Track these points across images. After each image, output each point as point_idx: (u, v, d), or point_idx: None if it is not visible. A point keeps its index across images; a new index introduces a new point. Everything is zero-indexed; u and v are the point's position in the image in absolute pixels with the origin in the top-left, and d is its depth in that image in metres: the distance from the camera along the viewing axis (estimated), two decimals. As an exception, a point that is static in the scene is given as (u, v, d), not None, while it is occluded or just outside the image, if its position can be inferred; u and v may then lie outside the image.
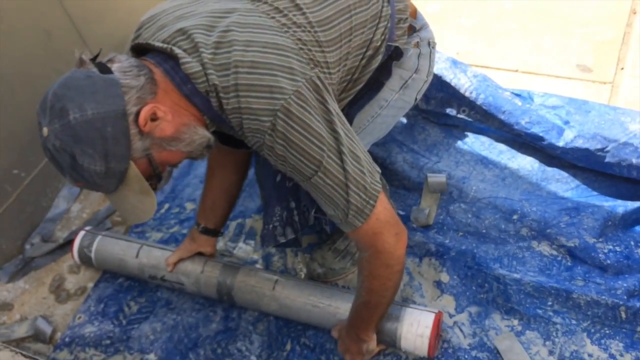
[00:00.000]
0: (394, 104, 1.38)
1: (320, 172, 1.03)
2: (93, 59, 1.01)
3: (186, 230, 1.80)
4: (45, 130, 0.94)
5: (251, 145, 1.06)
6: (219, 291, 1.51)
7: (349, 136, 1.06)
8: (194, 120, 1.05)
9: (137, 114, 0.96)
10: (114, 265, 1.66)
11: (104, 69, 0.98)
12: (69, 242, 1.83)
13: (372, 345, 1.33)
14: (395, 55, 1.29)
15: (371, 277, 1.17)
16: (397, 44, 1.27)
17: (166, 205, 1.90)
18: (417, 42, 1.38)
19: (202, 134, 1.06)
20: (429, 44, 1.41)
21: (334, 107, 1.05)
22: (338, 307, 1.39)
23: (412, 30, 1.37)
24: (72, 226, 1.90)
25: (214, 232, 1.55)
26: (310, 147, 1.00)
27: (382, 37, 1.23)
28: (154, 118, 0.98)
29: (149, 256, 1.59)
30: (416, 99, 1.45)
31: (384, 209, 1.10)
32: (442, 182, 1.66)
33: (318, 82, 1.02)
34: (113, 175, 0.96)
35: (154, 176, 1.04)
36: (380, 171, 1.14)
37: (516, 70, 2.02)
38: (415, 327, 1.32)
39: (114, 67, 0.99)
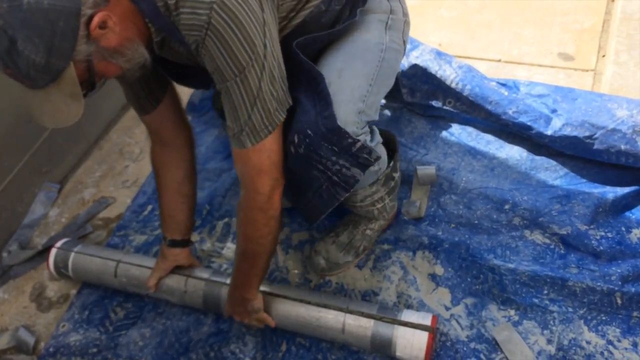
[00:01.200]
0: (390, 45, 1.31)
1: (239, 79, 1.04)
2: None
3: (172, 231, 1.75)
4: None
5: (192, 50, 1.05)
6: (207, 305, 1.48)
7: (274, 54, 1.06)
8: (138, 35, 1.05)
9: (90, 17, 0.95)
10: (94, 281, 1.61)
11: None
12: (48, 249, 1.76)
13: (258, 303, 1.34)
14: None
15: (247, 221, 1.20)
16: None
17: (149, 207, 1.84)
18: None
19: (142, 53, 1.06)
20: None
21: (270, 18, 1.05)
22: (331, 316, 1.35)
23: None
24: (51, 232, 1.83)
25: (183, 243, 1.48)
26: (239, 50, 1.01)
27: None
28: (102, 26, 0.97)
29: (128, 275, 1.53)
30: (404, 42, 1.39)
31: (275, 141, 1.11)
32: (432, 174, 1.65)
33: None
34: (49, 71, 0.94)
35: (88, 84, 1.03)
36: (291, 103, 1.14)
37: (499, 60, 2.02)
38: (409, 349, 1.29)
39: None
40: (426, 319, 1.31)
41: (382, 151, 1.32)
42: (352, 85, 1.20)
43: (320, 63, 1.25)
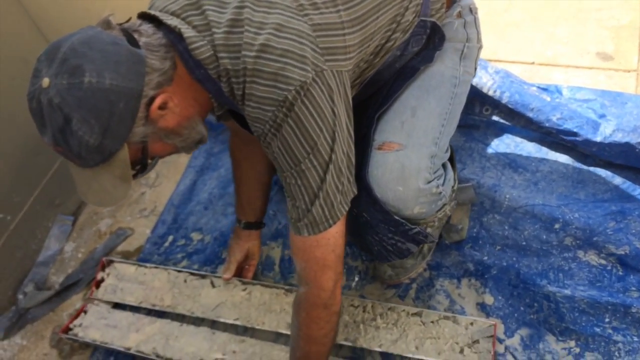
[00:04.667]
0: (462, 78, 1.24)
1: (295, 172, 0.97)
2: (120, 24, 0.94)
3: (197, 264, 1.64)
4: (46, 80, 0.85)
5: (253, 132, 1.00)
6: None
7: (343, 148, 0.98)
8: (199, 112, 1.01)
9: (152, 98, 0.91)
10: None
11: (132, 40, 0.90)
12: (66, 288, 1.66)
13: None
14: (432, 33, 1.16)
15: (310, 321, 1.10)
16: (433, 19, 1.14)
17: (170, 238, 1.74)
18: (459, 11, 1.25)
19: (199, 131, 1.02)
20: (470, 10, 1.28)
21: (340, 109, 0.96)
22: None
23: (451, 1, 1.25)
24: (68, 268, 1.72)
25: (257, 225, 1.54)
26: (297, 147, 0.94)
27: (414, 12, 1.11)
28: (162, 107, 0.93)
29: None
30: (475, 68, 1.33)
31: (339, 232, 1.04)
32: (471, 192, 1.53)
33: (331, 76, 0.93)
34: (102, 152, 0.89)
35: (140, 165, 0.99)
36: (356, 192, 1.06)
37: (532, 63, 1.90)
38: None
39: (142, 41, 0.92)
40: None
41: (449, 191, 1.23)
42: (426, 127, 1.13)
43: (392, 97, 1.15)
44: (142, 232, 1.77)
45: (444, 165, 1.19)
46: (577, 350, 1.28)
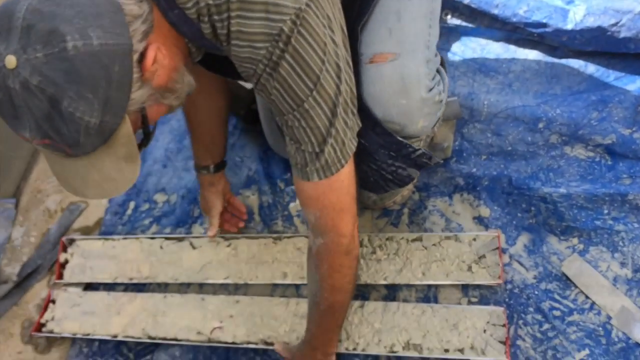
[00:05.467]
0: None
1: (298, 113, 0.84)
2: None
3: (168, 228, 1.50)
4: (10, 59, 0.66)
5: (240, 74, 0.86)
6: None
7: (346, 78, 0.87)
8: (182, 59, 0.85)
9: (142, 54, 0.75)
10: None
11: None
12: (25, 278, 1.49)
13: (334, 358, 1.20)
14: None
15: (333, 270, 1.01)
16: None
17: (131, 204, 1.58)
18: None
19: (189, 82, 0.87)
20: None
21: (337, 33, 0.85)
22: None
23: None
24: (22, 256, 1.55)
25: (224, 164, 1.37)
26: (299, 85, 0.81)
27: None
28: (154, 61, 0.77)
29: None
30: None
31: (351, 171, 0.93)
32: (455, 106, 1.44)
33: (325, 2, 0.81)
34: (103, 132, 0.72)
35: (142, 138, 0.83)
36: (360, 125, 0.95)
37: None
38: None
39: None
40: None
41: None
42: (415, 30, 1.00)
43: (370, 4, 1.01)
44: (98, 203, 1.60)
45: (437, 71, 1.08)
46: (581, 246, 1.27)
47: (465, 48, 1.61)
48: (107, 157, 0.76)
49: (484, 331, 1.19)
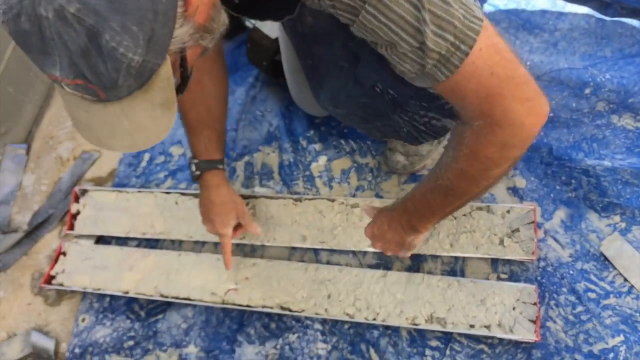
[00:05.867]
0: None
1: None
2: None
3: (184, 183, 1.44)
4: None
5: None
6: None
7: None
8: None
9: None
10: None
11: None
12: (36, 228, 1.45)
13: (419, 240, 1.05)
14: None
15: (473, 157, 0.80)
16: None
17: (146, 156, 1.51)
18: None
19: (223, 21, 0.76)
20: None
21: None
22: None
23: None
24: (33, 205, 1.50)
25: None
26: None
27: None
28: None
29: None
30: None
31: (488, 47, 0.71)
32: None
33: None
34: (142, 72, 0.63)
35: (179, 84, 0.74)
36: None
37: None
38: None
39: None
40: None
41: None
42: None
43: None
44: (112, 154, 1.53)
45: None
46: (623, 225, 1.18)
47: (509, 1, 1.49)
48: (142, 103, 0.67)
49: (513, 308, 1.12)
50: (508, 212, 1.20)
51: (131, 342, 1.27)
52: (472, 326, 1.12)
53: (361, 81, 0.99)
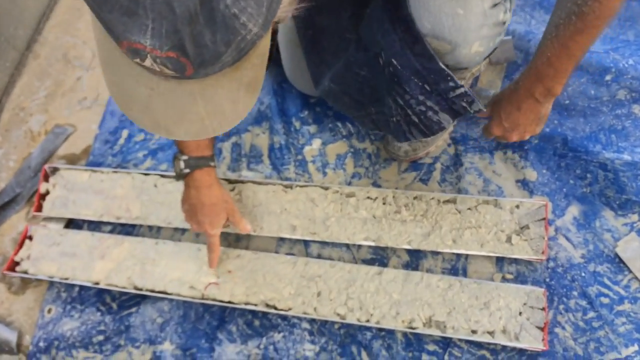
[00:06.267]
0: None
1: None
2: None
3: (164, 164, 1.32)
4: None
5: None
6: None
7: None
8: None
9: None
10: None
11: None
12: (1, 207, 1.33)
13: (549, 106, 0.97)
14: None
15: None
16: None
17: (124, 133, 1.39)
18: None
19: None
20: None
21: None
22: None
23: None
24: (0, 182, 1.37)
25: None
26: None
27: None
28: None
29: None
30: None
31: None
32: (508, 47, 1.23)
33: None
34: (245, 47, 0.53)
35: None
36: None
37: None
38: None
39: None
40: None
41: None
42: None
43: None
44: (87, 129, 1.41)
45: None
46: (642, 224, 1.09)
47: (525, -23, 1.37)
48: (227, 83, 0.57)
49: (520, 313, 1.02)
50: (517, 207, 1.10)
51: (101, 337, 1.16)
52: (474, 332, 1.02)
53: (365, 45, 0.89)
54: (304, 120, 1.31)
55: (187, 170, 1.04)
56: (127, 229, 1.26)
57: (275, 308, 1.09)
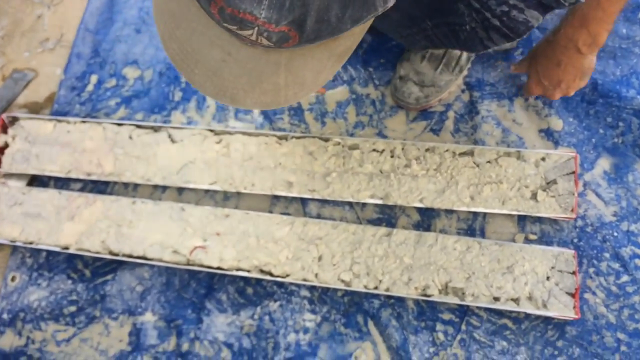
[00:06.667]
0: None
1: None
2: None
3: (140, 113, 1.16)
4: None
5: None
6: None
7: None
8: None
9: None
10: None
11: None
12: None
13: (593, 59, 0.87)
14: None
15: None
16: None
17: (93, 78, 1.22)
18: None
19: None
20: None
21: None
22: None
23: None
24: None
25: None
26: None
27: None
28: None
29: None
30: None
31: None
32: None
33: None
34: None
35: None
36: None
37: None
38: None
39: None
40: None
41: None
42: None
43: None
44: (51, 73, 1.24)
45: None
46: (679, 178, 0.97)
47: None
48: (319, 52, 0.53)
49: (547, 278, 0.91)
50: (543, 159, 0.98)
51: (73, 308, 1.03)
52: (496, 299, 0.91)
53: None
54: (299, 63, 1.16)
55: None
56: (99, 187, 1.11)
57: (271, 274, 0.97)
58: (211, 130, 1.07)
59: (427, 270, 0.94)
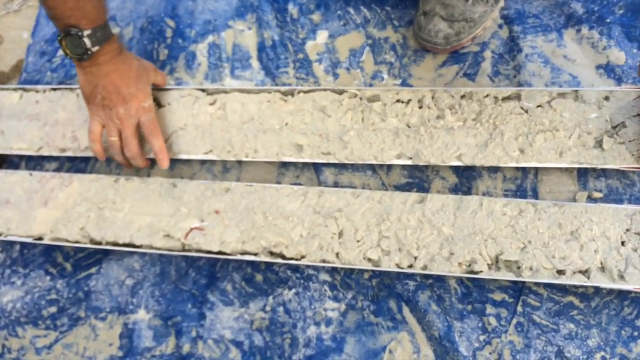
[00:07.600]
0: None
1: None
2: None
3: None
4: None
5: None
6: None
7: None
8: None
9: None
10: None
11: None
12: None
13: None
14: None
15: None
16: None
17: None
18: None
19: None
20: None
21: None
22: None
23: None
24: None
25: None
26: None
27: None
28: None
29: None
30: None
31: None
32: None
33: None
34: None
35: None
36: None
37: None
38: None
39: None
40: None
41: None
42: None
43: None
44: (16, 38, 1.07)
45: None
46: None
47: None
48: None
49: (622, 243, 0.74)
50: (606, 98, 0.80)
51: (53, 309, 0.87)
52: (560, 272, 0.74)
53: None
54: (304, 6, 0.98)
55: (95, 48, 0.78)
56: (76, 165, 0.95)
57: (283, 257, 0.80)
58: (203, 90, 0.90)
59: (472, 241, 0.77)
